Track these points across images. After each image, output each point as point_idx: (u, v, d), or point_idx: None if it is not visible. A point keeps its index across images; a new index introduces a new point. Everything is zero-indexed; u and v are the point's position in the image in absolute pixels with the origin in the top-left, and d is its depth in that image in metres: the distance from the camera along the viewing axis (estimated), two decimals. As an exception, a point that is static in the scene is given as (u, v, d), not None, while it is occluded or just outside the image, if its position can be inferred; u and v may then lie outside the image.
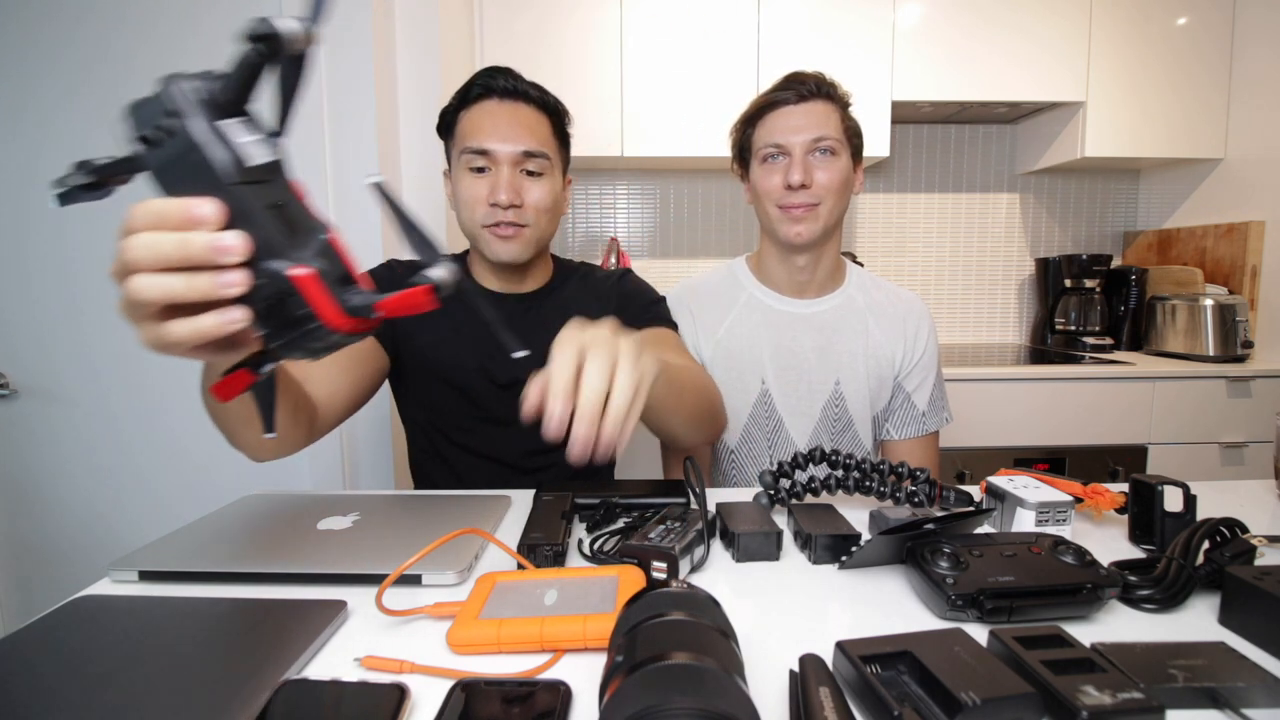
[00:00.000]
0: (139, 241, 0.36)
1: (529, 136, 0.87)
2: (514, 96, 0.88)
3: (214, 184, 0.35)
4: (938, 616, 0.48)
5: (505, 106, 0.87)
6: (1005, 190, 2.33)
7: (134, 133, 0.36)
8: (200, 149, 0.35)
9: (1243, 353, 1.85)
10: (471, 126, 0.87)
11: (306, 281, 0.36)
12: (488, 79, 0.87)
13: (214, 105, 0.36)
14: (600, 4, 1.85)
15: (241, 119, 0.37)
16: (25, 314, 1.46)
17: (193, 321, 0.37)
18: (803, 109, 0.96)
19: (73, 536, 1.53)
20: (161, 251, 0.36)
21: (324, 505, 0.69)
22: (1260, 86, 1.92)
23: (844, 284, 1.08)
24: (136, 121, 0.36)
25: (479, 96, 0.88)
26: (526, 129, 0.87)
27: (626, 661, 0.32)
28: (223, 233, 0.35)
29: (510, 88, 0.87)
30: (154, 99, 0.35)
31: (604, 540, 0.63)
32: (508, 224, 0.86)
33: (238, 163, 0.35)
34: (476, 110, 0.87)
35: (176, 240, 0.35)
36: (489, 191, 0.85)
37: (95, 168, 0.38)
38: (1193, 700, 0.37)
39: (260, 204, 0.36)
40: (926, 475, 0.68)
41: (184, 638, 0.45)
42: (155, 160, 0.36)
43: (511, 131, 0.86)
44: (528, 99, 0.89)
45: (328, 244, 0.38)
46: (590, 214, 2.27)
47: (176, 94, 0.35)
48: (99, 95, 1.41)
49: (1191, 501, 0.59)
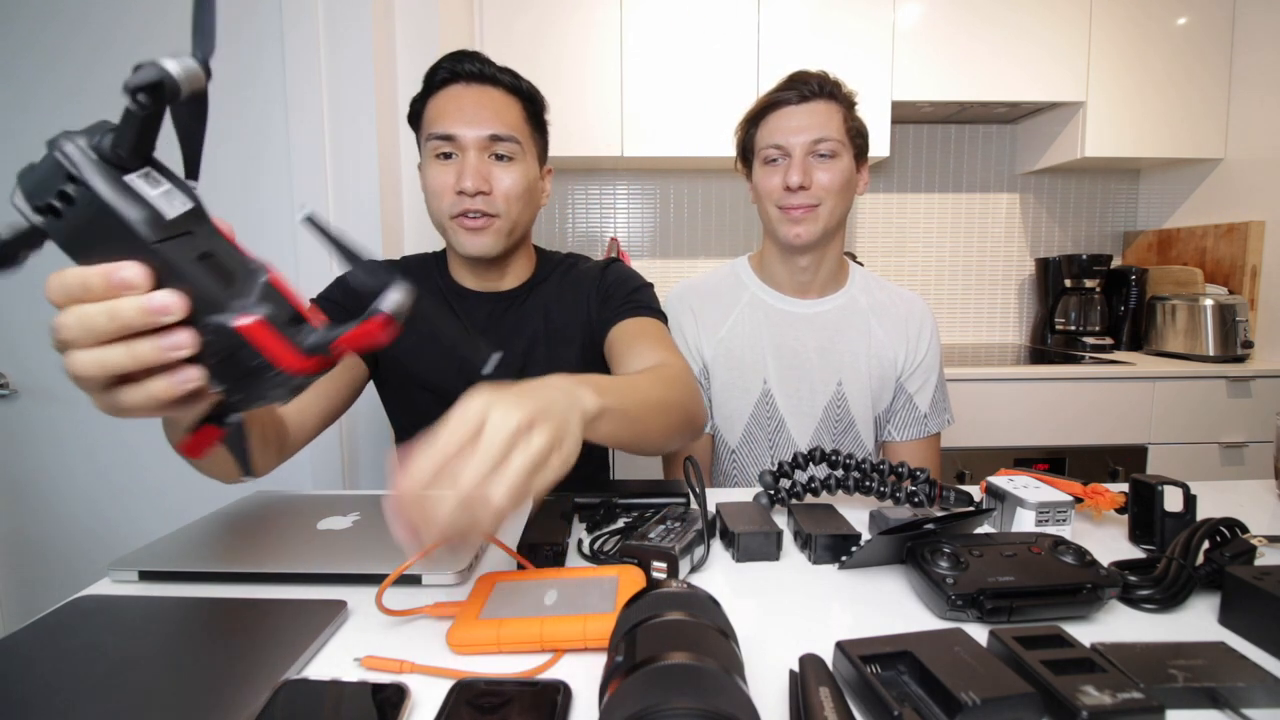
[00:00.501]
0: (68, 319, 0.33)
1: (495, 120, 0.82)
2: (481, 80, 0.84)
3: (134, 245, 0.33)
4: (938, 616, 0.48)
5: (472, 90, 0.83)
6: (1005, 190, 2.33)
7: (31, 203, 0.33)
8: (111, 211, 0.32)
9: (1243, 353, 1.85)
10: (436, 112, 0.83)
11: (255, 330, 0.34)
12: (453, 63, 0.83)
13: (115, 161, 0.33)
14: (600, 4, 1.85)
15: (146, 170, 0.34)
16: (26, 314, 1.46)
17: (144, 388, 0.35)
18: (804, 109, 0.96)
19: (73, 536, 1.53)
20: (94, 324, 0.33)
21: (324, 505, 0.69)
22: (1260, 86, 1.92)
23: (847, 284, 1.08)
24: (32, 190, 0.33)
25: (444, 82, 0.84)
26: (493, 112, 0.82)
27: (626, 661, 0.32)
28: (154, 293, 0.33)
29: (477, 71, 0.83)
30: (46, 162, 0.33)
31: (604, 540, 0.63)
32: (476, 213, 0.82)
33: (155, 218, 0.33)
34: (442, 96, 0.83)
35: (106, 309, 0.33)
36: (455, 179, 0.81)
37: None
38: (1193, 700, 0.37)
39: (189, 257, 0.34)
40: (926, 475, 0.68)
41: (184, 638, 0.46)
42: (64, 229, 0.33)
43: (477, 115, 0.81)
44: (496, 83, 0.84)
45: (269, 285, 0.36)
46: (590, 214, 2.27)
47: (74, 154, 0.32)
48: (100, 96, 1.41)
49: (1191, 501, 0.59)
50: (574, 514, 0.68)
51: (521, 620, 0.45)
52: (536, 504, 0.66)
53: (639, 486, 0.74)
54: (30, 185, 0.33)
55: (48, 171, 0.33)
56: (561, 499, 0.68)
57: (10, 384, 1.48)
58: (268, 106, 1.42)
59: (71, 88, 1.41)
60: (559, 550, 0.57)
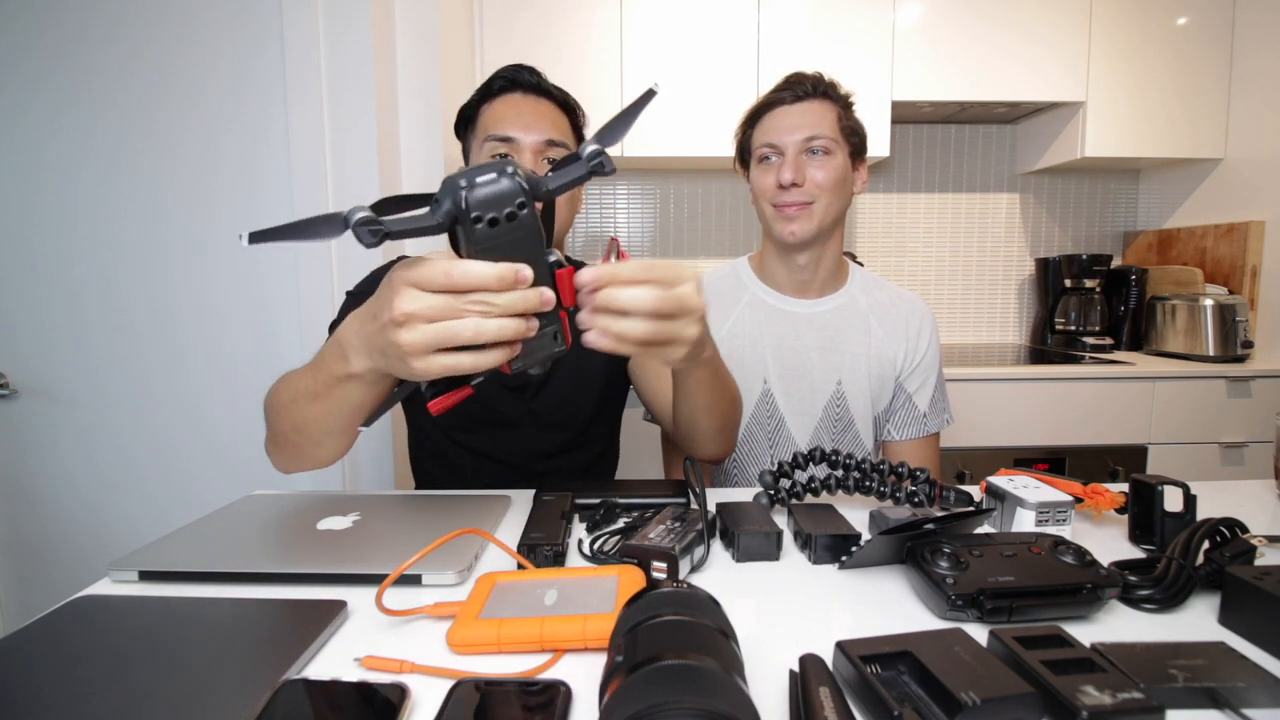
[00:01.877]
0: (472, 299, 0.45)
1: (551, 127, 0.87)
2: (537, 92, 0.89)
3: (533, 255, 0.46)
4: (938, 616, 0.48)
5: (529, 99, 0.88)
6: (1005, 190, 2.33)
7: (479, 211, 0.44)
8: (537, 231, 0.46)
9: (1243, 353, 1.85)
10: (494, 117, 0.87)
11: (564, 314, 0.50)
12: (513, 73, 0.89)
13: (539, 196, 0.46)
14: (600, 4, 1.85)
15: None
16: (26, 314, 1.46)
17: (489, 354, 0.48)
18: (798, 109, 0.97)
19: (73, 536, 1.53)
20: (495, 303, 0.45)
21: (324, 505, 0.69)
22: (1260, 86, 1.92)
23: (846, 284, 1.08)
24: (486, 201, 0.44)
25: (502, 89, 0.89)
26: (549, 121, 0.88)
27: (626, 661, 0.32)
28: (541, 289, 0.47)
29: (534, 83, 0.89)
30: (501, 184, 0.44)
31: (604, 540, 0.63)
32: None
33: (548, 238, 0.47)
34: (499, 103, 0.88)
35: (518, 297, 0.46)
36: None
37: (389, 231, 0.44)
38: (1193, 700, 0.37)
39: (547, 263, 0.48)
40: (926, 475, 0.68)
41: (184, 638, 0.45)
42: (487, 235, 0.45)
43: (535, 122, 0.86)
44: (550, 96, 0.90)
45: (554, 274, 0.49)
46: (590, 214, 2.27)
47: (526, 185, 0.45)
48: (101, 97, 1.41)
49: (1191, 501, 0.59)
50: (574, 514, 0.68)
51: (521, 620, 0.44)
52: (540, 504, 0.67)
53: (639, 487, 0.74)
54: (484, 197, 0.44)
55: (507, 191, 0.44)
56: (561, 499, 0.68)
57: (10, 384, 1.48)
58: (268, 106, 1.42)
59: (75, 90, 1.41)
60: (559, 550, 0.57)
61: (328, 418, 0.61)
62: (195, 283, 1.46)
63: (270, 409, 0.67)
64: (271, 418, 0.67)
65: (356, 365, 0.54)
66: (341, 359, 0.55)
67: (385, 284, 0.49)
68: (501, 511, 0.70)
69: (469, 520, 0.65)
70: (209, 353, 1.48)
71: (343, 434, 0.64)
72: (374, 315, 0.50)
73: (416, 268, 0.46)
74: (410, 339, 0.46)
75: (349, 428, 0.63)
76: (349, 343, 0.54)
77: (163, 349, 1.48)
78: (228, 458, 1.50)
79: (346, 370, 0.55)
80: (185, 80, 1.41)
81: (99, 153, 1.43)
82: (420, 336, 0.46)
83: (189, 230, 1.44)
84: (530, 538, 0.58)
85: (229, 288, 1.47)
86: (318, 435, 0.64)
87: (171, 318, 1.47)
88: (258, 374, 1.47)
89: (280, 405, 0.65)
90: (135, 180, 1.44)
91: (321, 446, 0.66)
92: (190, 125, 1.42)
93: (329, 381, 0.58)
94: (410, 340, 0.46)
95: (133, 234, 1.45)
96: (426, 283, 0.46)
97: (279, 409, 0.65)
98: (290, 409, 0.63)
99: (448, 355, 0.47)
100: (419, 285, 0.46)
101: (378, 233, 0.43)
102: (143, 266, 1.46)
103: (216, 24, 1.40)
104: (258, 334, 1.48)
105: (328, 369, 0.57)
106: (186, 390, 1.49)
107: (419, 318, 0.46)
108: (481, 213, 0.44)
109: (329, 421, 0.62)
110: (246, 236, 0.43)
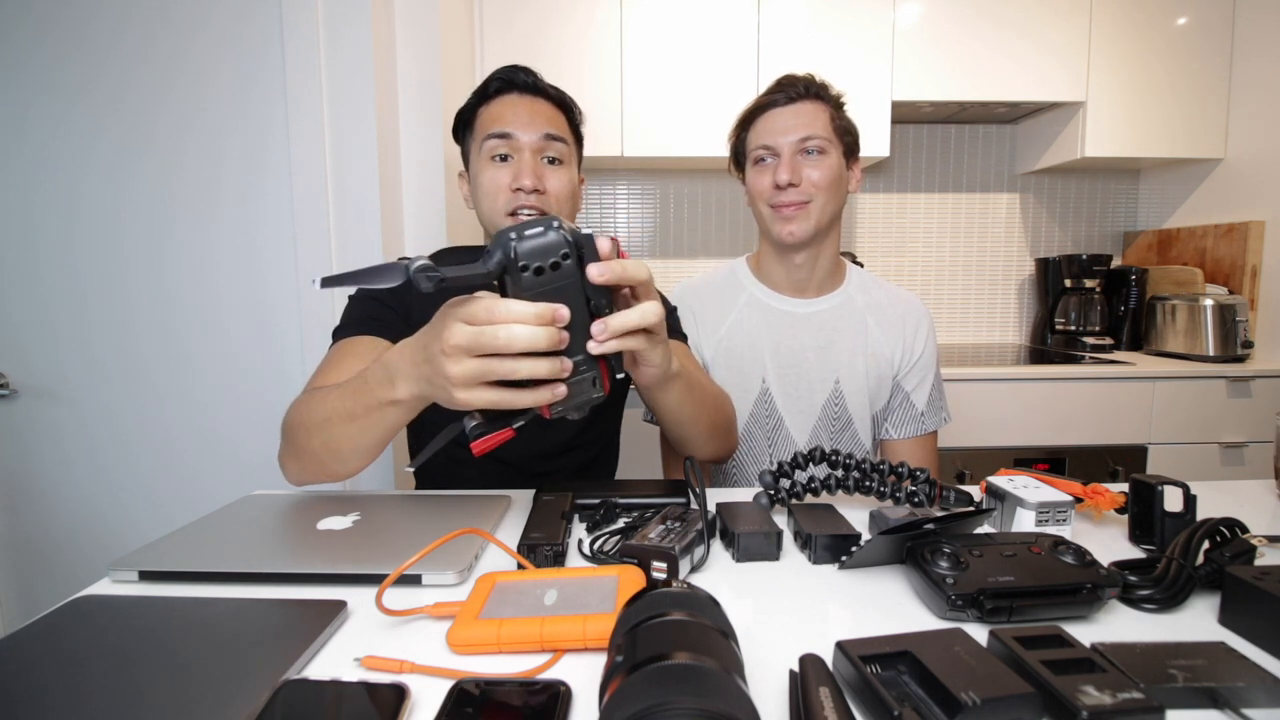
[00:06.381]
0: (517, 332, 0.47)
1: (548, 123, 0.88)
2: (533, 92, 0.90)
3: (573, 298, 0.49)
4: (938, 616, 0.48)
5: (525, 99, 0.89)
6: (1005, 190, 2.33)
7: (525, 261, 0.48)
8: (578, 279, 0.49)
9: (1243, 353, 1.85)
10: (492, 116, 0.88)
11: (602, 364, 0.53)
12: (509, 74, 0.89)
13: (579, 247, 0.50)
14: (600, 4, 1.85)
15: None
16: (26, 314, 1.46)
17: (533, 393, 0.50)
18: (791, 110, 0.98)
19: (73, 536, 1.53)
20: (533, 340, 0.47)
21: (324, 505, 0.69)
22: (1260, 87, 1.92)
23: (844, 284, 1.08)
24: (534, 252, 0.48)
25: (499, 91, 0.89)
26: (546, 118, 0.89)
27: (626, 661, 0.32)
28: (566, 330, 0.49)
29: (530, 83, 0.90)
30: (548, 237, 0.48)
31: (604, 540, 0.63)
32: (530, 208, 0.86)
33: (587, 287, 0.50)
34: (497, 103, 0.89)
35: (549, 333, 0.48)
36: (512, 178, 0.86)
37: (444, 279, 0.47)
38: (1193, 700, 0.37)
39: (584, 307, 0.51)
40: (926, 475, 0.68)
41: (184, 638, 0.45)
42: (531, 281, 0.48)
43: (533, 120, 0.87)
44: (546, 95, 0.91)
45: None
46: (590, 214, 2.27)
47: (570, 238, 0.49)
48: (103, 99, 1.41)
49: (1191, 501, 0.59)
50: (574, 514, 0.68)
51: (521, 620, 0.45)
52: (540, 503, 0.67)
53: (639, 487, 0.74)
54: (532, 249, 0.48)
55: (553, 243, 0.48)
56: (561, 499, 0.68)
57: (10, 384, 1.48)
58: (268, 106, 1.42)
59: (77, 92, 1.41)
60: (559, 550, 0.57)
61: (362, 437, 0.63)
62: (196, 283, 1.46)
63: (296, 426, 0.68)
64: (297, 434, 0.68)
65: (402, 392, 0.56)
66: (388, 384, 0.57)
67: (438, 317, 0.52)
68: (501, 511, 0.70)
69: (469, 520, 0.65)
70: (210, 353, 1.48)
71: (370, 453, 0.66)
72: (424, 346, 0.53)
73: (467, 305, 0.49)
74: (457, 370, 0.49)
75: (378, 448, 0.65)
76: (399, 370, 0.56)
77: (164, 349, 1.48)
78: (229, 458, 1.50)
79: (392, 396, 0.57)
80: (186, 81, 1.41)
81: (100, 153, 1.43)
82: (465, 369, 0.49)
83: (190, 231, 1.44)
84: (530, 538, 0.58)
85: (230, 288, 1.47)
86: (348, 453, 0.66)
87: (173, 318, 1.47)
88: (259, 375, 1.47)
89: (311, 423, 0.66)
90: (136, 180, 1.44)
91: (347, 464, 0.68)
92: (191, 126, 1.42)
93: (371, 405, 0.60)
94: (457, 372, 0.49)
95: (134, 234, 1.45)
96: (473, 318, 0.48)
97: (309, 427, 0.66)
98: (324, 428, 0.64)
99: (491, 390, 0.50)
100: (467, 321, 0.48)
101: (434, 278, 0.47)
102: (144, 267, 1.46)
103: (217, 25, 1.40)
104: (259, 335, 1.48)
105: (371, 393, 0.59)
106: (187, 390, 1.49)
107: (465, 351, 0.49)
108: (529, 262, 0.48)
109: (362, 440, 0.64)
110: (319, 281, 0.47)
